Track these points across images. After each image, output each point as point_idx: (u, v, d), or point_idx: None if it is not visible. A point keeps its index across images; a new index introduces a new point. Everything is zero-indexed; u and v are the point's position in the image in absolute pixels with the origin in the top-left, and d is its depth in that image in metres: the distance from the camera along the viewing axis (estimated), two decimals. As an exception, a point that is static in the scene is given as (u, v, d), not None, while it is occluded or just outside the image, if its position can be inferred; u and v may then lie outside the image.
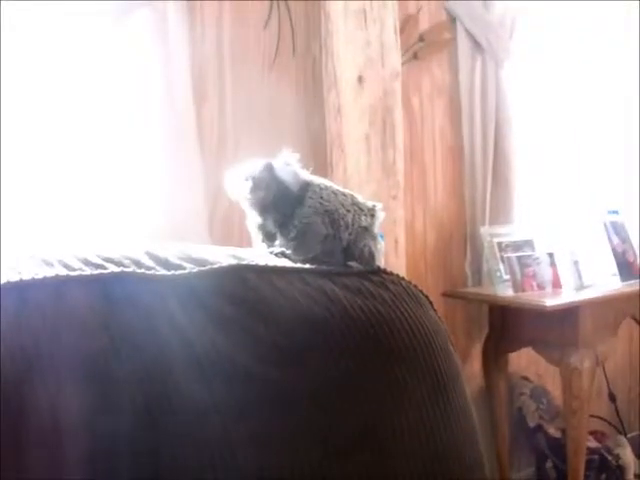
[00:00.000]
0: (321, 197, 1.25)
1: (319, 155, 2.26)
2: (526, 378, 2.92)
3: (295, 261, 1.20)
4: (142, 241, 1.85)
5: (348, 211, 1.25)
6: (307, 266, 1.16)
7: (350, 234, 1.24)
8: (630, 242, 2.84)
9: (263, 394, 0.99)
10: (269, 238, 1.29)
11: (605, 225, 2.83)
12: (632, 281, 2.73)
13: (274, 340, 1.02)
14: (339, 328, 1.07)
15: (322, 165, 2.24)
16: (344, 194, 1.28)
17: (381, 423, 1.09)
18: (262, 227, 1.30)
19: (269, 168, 1.28)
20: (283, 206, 1.26)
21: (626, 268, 2.75)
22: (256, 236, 1.32)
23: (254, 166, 1.29)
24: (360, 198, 1.29)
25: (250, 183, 1.27)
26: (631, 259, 2.80)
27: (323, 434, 1.02)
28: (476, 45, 2.80)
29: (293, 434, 0.99)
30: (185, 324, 0.98)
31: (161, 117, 2.13)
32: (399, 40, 2.41)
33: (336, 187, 1.30)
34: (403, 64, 2.49)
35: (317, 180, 1.30)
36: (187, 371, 0.96)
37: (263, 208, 1.28)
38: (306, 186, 1.27)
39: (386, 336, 1.09)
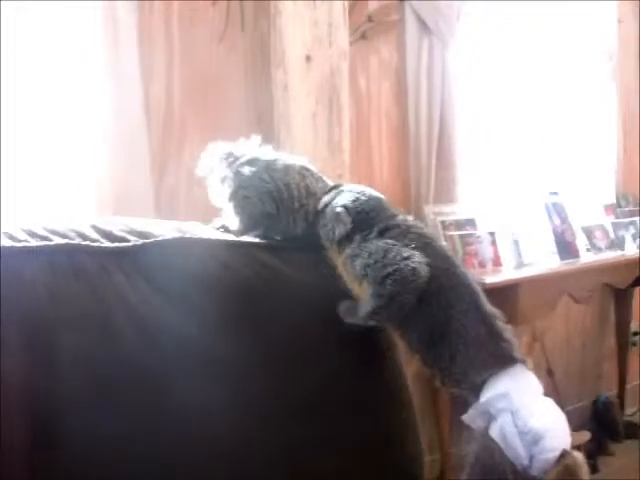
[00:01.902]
0: (260, 176, 1.24)
1: (266, 132, 2.27)
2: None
3: (238, 236, 1.22)
4: (88, 215, 1.87)
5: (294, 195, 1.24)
6: (250, 240, 1.18)
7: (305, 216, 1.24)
8: (569, 222, 2.92)
9: (207, 361, 1.02)
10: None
11: (546, 206, 2.90)
12: (570, 260, 2.81)
13: (218, 310, 1.05)
14: (280, 299, 1.11)
15: (269, 142, 2.25)
16: (297, 174, 1.27)
17: (323, 393, 1.13)
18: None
19: (232, 161, 1.28)
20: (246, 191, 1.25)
21: (565, 247, 2.84)
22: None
23: (220, 156, 1.29)
24: (312, 178, 1.29)
25: (217, 180, 1.28)
26: (570, 239, 2.88)
27: (264, 401, 1.05)
28: (424, 26, 2.83)
29: (235, 400, 1.03)
30: (130, 295, 1.00)
31: (108, 92, 2.12)
32: (347, 20, 2.43)
33: (290, 163, 1.28)
34: (351, 44, 2.51)
35: (267, 156, 1.30)
36: (133, 340, 0.99)
37: (230, 197, 1.27)
38: (251, 162, 1.28)
39: (326, 308, 1.13)
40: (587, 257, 2.90)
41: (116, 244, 1.05)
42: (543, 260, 2.76)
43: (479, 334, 1.11)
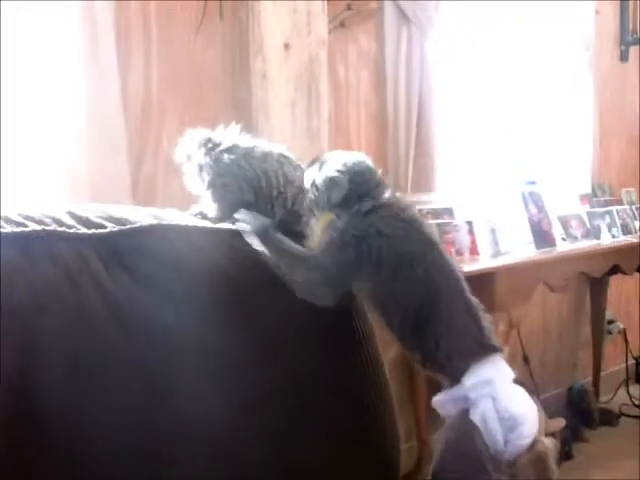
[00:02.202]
0: (239, 163, 1.26)
1: (244, 121, 2.26)
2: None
3: (215, 223, 1.22)
4: (65, 202, 1.86)
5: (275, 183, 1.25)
6: (226, 227, 1.19)
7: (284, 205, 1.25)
8: (546, 212, 2.94)
9: (183, 347, 1.03)
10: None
11: (523, 195, 2.92)
12: (546, 249, 2.83)
13: (193, 296, 1.06)
14: (257, 286, 1.11)
15: (247, 131, 2.25)
16: (275, 161, 1.28)
17: (299, 380, 1.14)
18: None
19: (211, 148, 1.29)
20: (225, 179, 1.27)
21: (541, 236, 2.86)
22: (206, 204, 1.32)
23: (198, 142, 1.30)
24: (291, 166, 1.30)
25: (194, 167, 1.29)
26: (546, 228, 2.90)
27: (240, 387, 1.06)
28: (402, 15, 2.83)
29: (211, 385, 1.03)
30: (106, 281, 1.01)
31: (85, 80, 2.10)
32: (326, 8, 2.43)
33: (268, 150, 1.29)
34: (330, 32, 2.51)
35: (245, 144, 1.31)
36: (109, 325, 0.99)
37: (209, 185, 1.28)
38: (230, 150, 1.27)
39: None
40: (563, 246, 2.93)
41: (92, 230, 1.05)
42: (520, 249, 2.78)
43: (463, 321, 1.14)
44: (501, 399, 1.12)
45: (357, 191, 1.18)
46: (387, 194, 1.20)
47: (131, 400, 1.00)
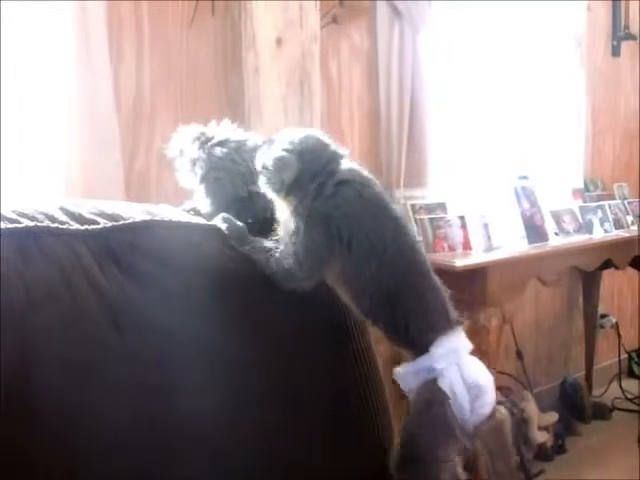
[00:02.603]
0: (232, 157, 1.25)
1: (237, 116, 2.27)
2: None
3: (209, 218, 1.22)
4: (57, 198, 1.86)
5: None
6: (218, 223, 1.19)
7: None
8: (538, 206, 2.94)
9: (178, 343, 1.03)
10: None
11: (515, 190, 2.93)
12: (539, 243, 2.84)
13: (185, 292, 1.06)
14: (251, 282, 1.12)
15: (240, 126, 2.25)
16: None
17: (295, 377, 1.14)
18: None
19: (204, 142, 1.29)
20: (214, 178, 1.26)
21: (534, 231, 2.86)
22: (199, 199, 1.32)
23: (190, 137, 1.30)
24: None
25: (187, 162, 1.28)
26: (539, 222, 2.91)
27: (237, 384, 1.06)
28: (395, 11, 2.83)
29: (208, 383, 1.03)
30: (99, 277, 1.01)
31: (77, 76, 2.10)
32: (319, 4, 2.43)
33: (260, 143, 1.26)
34: (322, 28, 2.51)
35: (237, 137, 1.30)
36: (102, 322, 0.99)
37: (199, 180, 1.28)
38: (222, 143, 1.27)
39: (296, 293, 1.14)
40: (555, 241, 2.93)
41: (85, 226, 1.05)
42: (512, 244, 2.78)
43: (431, 297, 1.16)
44: (467, 368, 1.15)
45: (309, 170, 1.15)
46: (344, 167, 1.18)
47: (126, 398, 1.00)
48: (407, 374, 1.18)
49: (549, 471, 3.06)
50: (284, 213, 1.18)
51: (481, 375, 1.17)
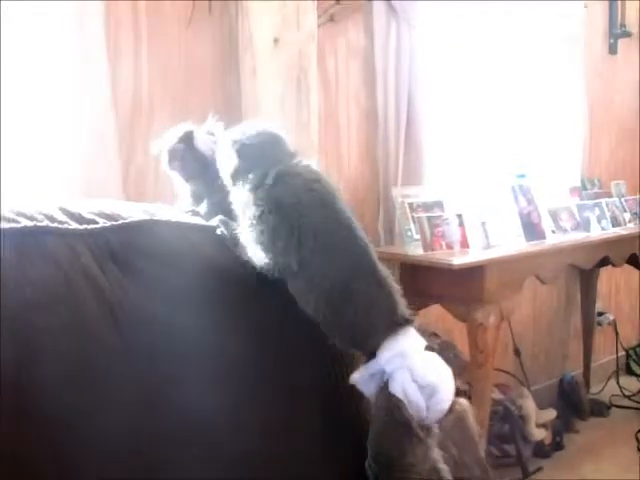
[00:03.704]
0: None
1: (234, 115, 2.28)
2: (435, 334, 3.03)
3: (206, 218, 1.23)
4: (55, 197, 1.85)
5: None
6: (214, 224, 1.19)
7: None
8: (536, 204, 2.95)
9: (175, 341, 1.03)
10: (197, 201, 1.29)
11: (512, 188, 2.93)
12: (536, 241, 2.85)
13: (185, 291, 1.06)
14: (247, 282, 1.12)
15: (237, 125, 2.26)
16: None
17: (294, 377, 1.15)
18: (191, 192, 1.30)
19: (187, 138, 1.27)
20: (206, 174, 1.25)
21: (531, 229, 2.87)
22: (183, 198, 1.32)
23: (175, 134, 1.28)
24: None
25: (166, 153, 1.27)
26: (536, 220, 2.92)
27: (237, 383, 1.07)
28: (391, 9, 2.84)
29: (208, 381, 1.04)
30: (99, 277, 1.01)
31: (74, 75, 2.10)
32: (315, 2, 2.43)
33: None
34: (319, 26, 2.52)
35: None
36: (102, 323, 0.99)
37: (185, 176, 1.28)
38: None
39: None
40: (553, 238, 2.94)
41: (85, 226, 1.05)
42: (510, 242, 2.79)
43: (377, 297, 1.13)
44: (417, 369, 1.12)
45: (247, 165, 1.15)
46: (290, 164, 1.16)
47: (126, 397, 1.00)
48: (363, 379, 1.16)
49: (547, 468, 3.07)
50: (236, 205, 1.17)
51: (433, 373, 1.15)
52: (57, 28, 2.08)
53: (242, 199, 1.14)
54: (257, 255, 1.12)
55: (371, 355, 1.13)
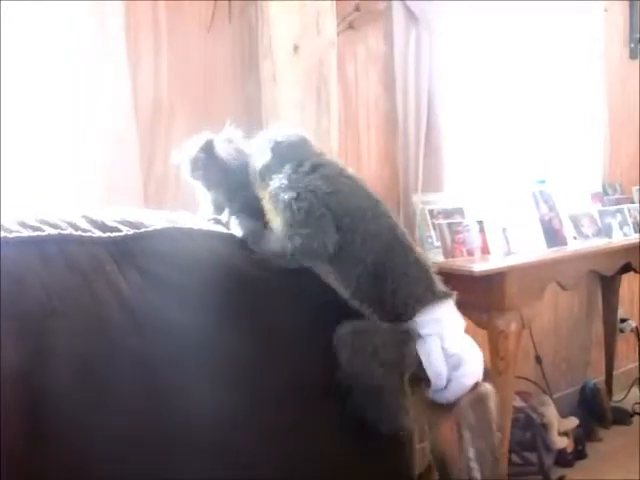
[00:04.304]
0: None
1: (254, 123, 2.28)
2: (456, 341, 3.01)
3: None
4: (76, 205, 1.87)
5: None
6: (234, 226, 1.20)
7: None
8: (556, 210, 2.93)
9: (198, 349, 1.03)
10: (218, 210, 1.32)
11: (533, 194, 2.92)
12: (557, 247, 2.83)
13: (208, 299, 1.06)
14: (272, 288, 1.12)
15: (257, 132, 2.26)
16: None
17: (306, 379, 1.14)
18: (212, 200, 1.33)
19: (208, 147, 1.29)
20: (227, 182, 1.28)
21: (552, 235, 2.85)
22: (205, 207, 1.34)
23: (196, 143, 1.30)
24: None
25: (188, 163, 1.29)
26: (557, 226, 2.90)
27: (257, 387, 1.06)
28: (411, 15, 2.83)
29: (228, 387, 1.04)
30: (121, 284, 1.01)
31: (95, 82, 2.11)
32: (335, 9, 2.43)
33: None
34: (339, 33, 2.52)
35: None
36: (123, 326, 0.99)
37: (207, 185, 1.30)
38: (247, 164, 1.28)
39: (315, 299, 1.15)
40: (574, 245, 2.92)
41: (108, 234, 1.05)
42: (531, 248, 2.77)
43: (415, 269, 1.19)
44: (448, 338, 1.18)
45: (281, 159, 1.21)
46: (321, 157, 1.24)
47: (143, 400, 1.00)
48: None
49: (569, 476, 3.04)
50: (267, 202, 1.21)
51: (463, 346, 1.20)
52: (77, 33, 2.09)
53: (275, 188, 1.18)
54: (283, 241, 1.16)
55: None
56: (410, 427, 1.22)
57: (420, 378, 1.19)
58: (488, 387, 1.23)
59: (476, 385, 1.21)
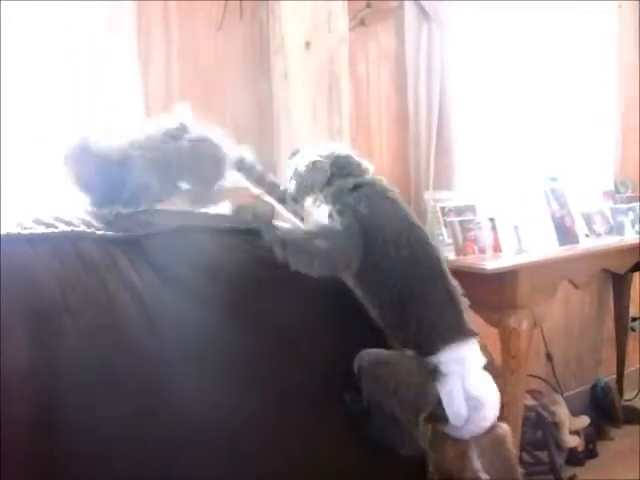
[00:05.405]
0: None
1: (266, 120, 2.28)
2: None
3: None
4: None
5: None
6: (246, 227, 1.20)
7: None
8: (568, 208, 2.92)
9: (207, 343, 1.03)
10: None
11: (545, 191, 2.90)
12: (569, 245, 2.81)
13: (218, 293, 1.06)
14: (282, 285, 1.12)
15: (268, 130, 2.26)
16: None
17: (316, 380, 1.14)
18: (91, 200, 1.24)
19: (82, 143, 1.23)
20: (109, 177, 1.20)
21: (564, 233, 2.84)
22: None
23: (72, 138, 1.24)
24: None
25: (65, 163, 1.22)
26: (569, 224, 2.88)
27: (264, 383, 1.06)
28: (422, 12, 2.82)
29: (236, 382, 1.03)
30: (134, 281, 1.01)
31: (106, 80, 2.12)
32: (346, 6, 2.43)
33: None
34: (350, 30, 2.51)
35: (136, 136, 1.27)
36: (136, 323, 0.99)
37: (86, 183, 1.21)
38: (126, 148, 1.22)
39: (324, 295, 1.14)
40: (586, 243, 2.90)
41: (121, 232, 1.05)
42: (542, 246, 2.76)
43: (444, 303, 1.19)
44: (470, 379, 1.17)
45: (339, 173, 1.23)
46: (369, 175, 1.27)
47: (159, 398, 1.00)
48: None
49: (580, 475, 3.03)
50: (311, 212, 1.21)
51: (484, 388, 1.20)
52: (88, 34, 2.09)
53: (318, 199, 1.22)
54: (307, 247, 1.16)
55: (425, 355, 1.18)
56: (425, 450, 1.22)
57: (438, 415, 1.18)
58: (505, 427, 1.23)
59: (494, 426, 1.21)
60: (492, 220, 2.69)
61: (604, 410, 3.56)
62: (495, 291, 2.57)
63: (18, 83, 2.04)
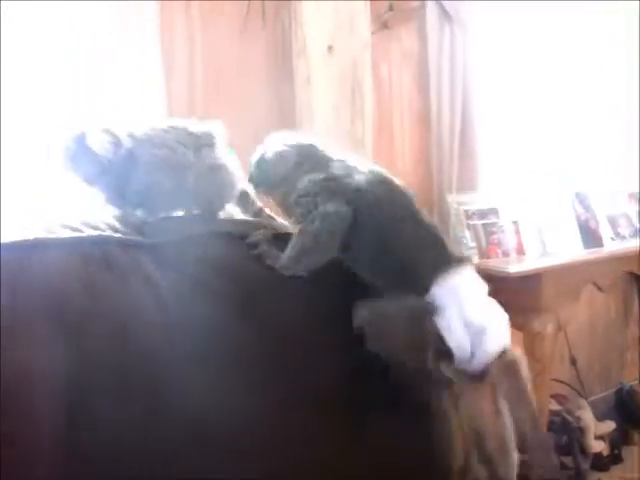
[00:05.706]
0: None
1: (288, 125, 2.28)
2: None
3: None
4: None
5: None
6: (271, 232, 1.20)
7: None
8: (593, 211, 2.90)
9: (230, 346, 1.03)
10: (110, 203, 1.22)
11: (569, 194, 2.88)
12: (594, 248, 2.79)
13: (241, 298, 1.06)
14: (301, 288, 1.12)
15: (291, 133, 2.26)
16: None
17: (320, 380, 1.14)
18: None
19: (79, 140, 1.19)
20: (112, 175, 1.18)
21: (589, 236, 2.82)
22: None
23: (68, 134, 1.21)
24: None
25: (63, 161, 1.19)
26: (593, 227, 2.86)
27: (280, 386, 1.06)
28: (445, 14, 2.81)
29: (254, 384, 1.03)
30: (160, 286, 1.02)
31: (129, 85, 2.12)
32: (369, 9, 2.42)
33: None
34: (372, 33, 2.51)
35: (143, 132, 1.26)
36: (163, 331, 1.00)
37: (88, 182, 1.19)
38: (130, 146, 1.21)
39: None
40: (611, 245, 2.88)
41: (147, 239, 1.06)
42: (567, 249, 2.74)
43: (423, 239, 1.17)
44: (467, 307, 1.13)
45: (306, 162, 1.21)
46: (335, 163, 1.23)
47: (174, 395, 1.00)
48: None
49: (605, 481, 3.01)
50: (282, 206, 1.23)
51: (484, 314, 1.16)
52: (111, 36, 2.10)
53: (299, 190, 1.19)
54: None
55: (421, 294, 1.15)
56: (443, 394, 1.19)
57: (445, 351, 1.15)
58: (516, 353, 1.20)
59: (503, 352, 1.17)
60: (515, 223, 2.68)
61: (629, 415, 3.53)
62: (519, 294, 2.55)
63: (39, 84, 2.05)
